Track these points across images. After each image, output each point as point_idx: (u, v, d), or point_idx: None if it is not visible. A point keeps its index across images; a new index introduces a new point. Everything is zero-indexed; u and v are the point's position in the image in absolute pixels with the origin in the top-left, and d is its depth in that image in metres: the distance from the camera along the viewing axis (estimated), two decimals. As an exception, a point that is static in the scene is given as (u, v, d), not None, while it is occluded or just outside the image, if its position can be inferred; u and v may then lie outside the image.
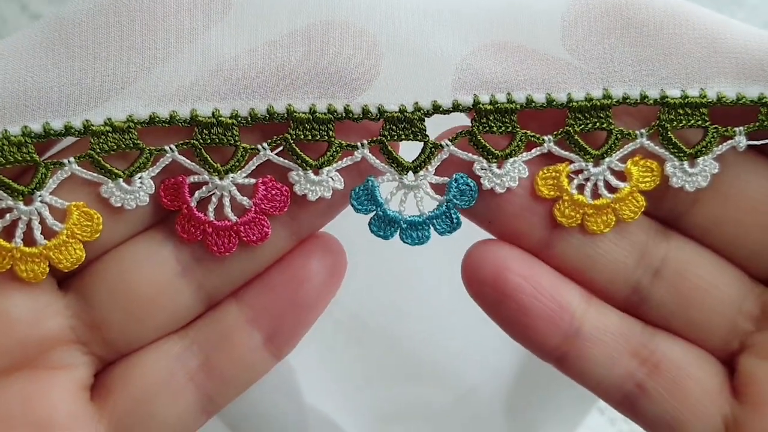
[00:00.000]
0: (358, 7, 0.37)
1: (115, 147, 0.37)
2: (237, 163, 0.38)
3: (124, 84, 0.37)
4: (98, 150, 0.37)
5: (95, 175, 0.37)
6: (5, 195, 0.37)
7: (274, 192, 0.39)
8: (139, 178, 0.38)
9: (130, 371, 0.40)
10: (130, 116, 0.37)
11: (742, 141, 0.39)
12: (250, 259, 0.40)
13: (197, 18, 0.37)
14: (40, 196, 0.37)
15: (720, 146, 0.39)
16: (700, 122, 0.38)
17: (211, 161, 0.38)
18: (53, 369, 0.38)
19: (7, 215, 0.37)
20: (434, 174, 0.39)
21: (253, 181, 0.39)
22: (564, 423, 0.69)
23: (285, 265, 0.40)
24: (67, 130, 0.37)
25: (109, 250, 0.39)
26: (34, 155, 0.37)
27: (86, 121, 0.37)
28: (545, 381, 0.64)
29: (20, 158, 0.36)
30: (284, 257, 0.40)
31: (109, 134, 0.37)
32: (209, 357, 0.40)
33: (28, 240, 0.38)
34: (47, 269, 0.38)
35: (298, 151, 0.38)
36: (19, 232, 0.37)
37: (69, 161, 0.37)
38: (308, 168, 0.38)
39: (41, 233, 0.38)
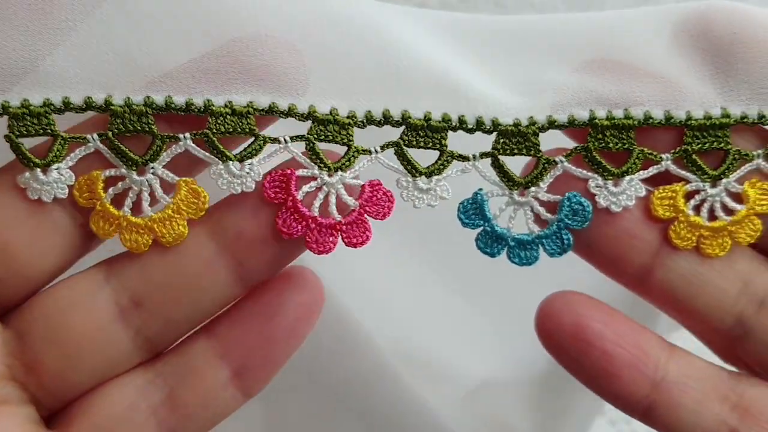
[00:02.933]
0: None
1: (231, 130, 0.37)
2: (348, 162, 0.38)
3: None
4: (215, 130, 0.37)
5: (207, 154, 0.37)
6: (120, 163, 0.37)
7: (380, 195, 0.38)
8: (249, 164, 0.37)
9: (92, 401, 0.38)
10: (250, 102, 0.37)
11: None
12: (193, 303, 0.38)
13: None
14: (152, 168, 0.37)
15: None
16: None
17: (323, 157, 0.38)
18: None
19: (119, 183, 0.37)
20: (546, 191, 0.38)
21: (360, 182, 0.38)
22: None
23: (257, 298, 0.39)
24: (188, 107, 0.37)
25: (40, 285, 0.38)
26: (153, 126, 0.37)
27: (208, 100, 0.37)
28: (557, 384, 0.62)
29: (139, 128, 0.37)
30: (256, 290, 0.39)
31: (228, 116, 0.37)
32: (173, 391, 0.38)
33: (136, 210, 0.37)
34: (150, 241, 0.37)
35: (409, 156, 0.38)
36: (128, 202, 0.37)
37: (185, 137, 0.37)
38: (417, 175, 0.38)
39: (149, 205, 0.37)
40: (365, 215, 0.38)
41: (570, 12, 0.42)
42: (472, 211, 0.39)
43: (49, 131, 0.37)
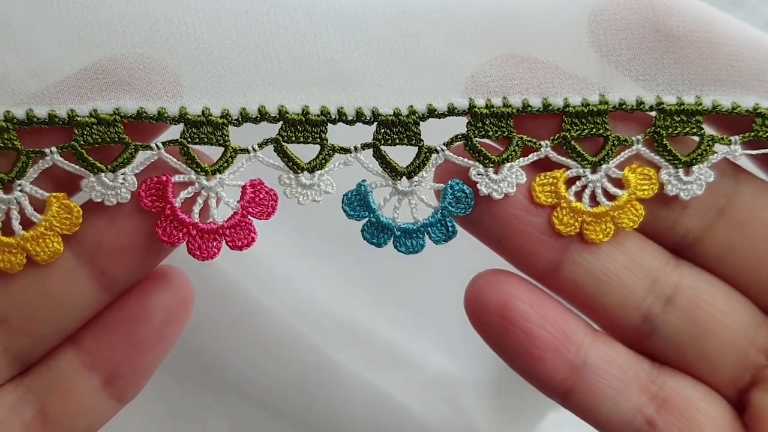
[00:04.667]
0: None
1: (100, 140, 0.36)
2: (226, 163, 0.37)
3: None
4: (82, 142, 0.36)
5: (77, 167, 0.36)
6: None
7: (262, 195, 0.37)
8: (122, 174, 0.36)
9: None
10: (117, 109, 0.36)
11: (737, 150, 0.38)
12: (58, 317, 0.37)
13: None
14: (20, 185, 0.36)
15: (716, 155, 0.39)
16: (695, 130, 0.38)
17: (199, 160, 0.37)
18: None
19: (-15, 203, 0.36)
20: (430, 180, 0.38)
21: (241, 182, 0.37)
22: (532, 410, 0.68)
23: (122, 304, 0.38)
24: (51, 119, 0.35)
25: None
26: (16, 142, 0.35)
27: (71, 110, 0.35)
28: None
29: (1, 144, 0.35)
30: (122, 295, 0.38)
31: (94, 126, 0.36)
32: (45, 405, 0.37)
33: (6, 229, 0.36)
34: (24, 261, 0.36)
35: (289, 152, 0.37)
36: None
37: (51, 151, 0.36)
38: (299, 171, 0.37)
39: (19, 223, 0.36)
40: (248, 217, 0.37)
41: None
42: (357, 202, 0.38)
43: None
